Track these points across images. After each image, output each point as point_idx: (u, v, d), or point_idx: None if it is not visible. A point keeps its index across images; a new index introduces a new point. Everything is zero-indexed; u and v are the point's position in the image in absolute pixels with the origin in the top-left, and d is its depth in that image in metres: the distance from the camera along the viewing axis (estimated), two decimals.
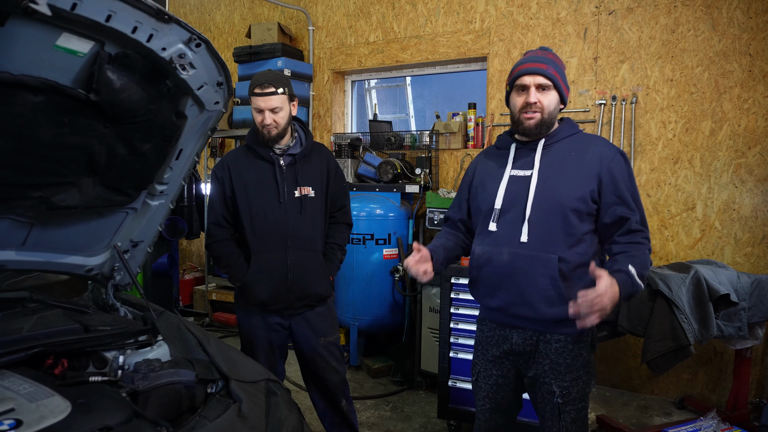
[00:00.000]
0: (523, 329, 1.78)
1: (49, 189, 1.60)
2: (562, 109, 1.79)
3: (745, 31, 3.27)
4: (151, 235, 2.08)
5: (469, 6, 4.14)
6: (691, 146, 3.44)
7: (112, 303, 1.97)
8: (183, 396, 1.48)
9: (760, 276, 2.81)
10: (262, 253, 2.30)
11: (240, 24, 5.44)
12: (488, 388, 1.89)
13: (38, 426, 1.12)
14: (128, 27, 1.40)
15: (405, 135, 4.48)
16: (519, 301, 1.73)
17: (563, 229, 1.69)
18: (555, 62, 1.73)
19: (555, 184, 1.71)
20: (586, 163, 1.70)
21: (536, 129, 1.73)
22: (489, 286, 1.80)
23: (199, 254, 5.97)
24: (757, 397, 3.29)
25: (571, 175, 1.71)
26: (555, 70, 1.71)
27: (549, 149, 1.76)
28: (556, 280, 1.67)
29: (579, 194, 1.68)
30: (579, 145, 1.75)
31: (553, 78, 1.70)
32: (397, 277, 3.93)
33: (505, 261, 1.74)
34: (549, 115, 1.72)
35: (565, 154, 1.74)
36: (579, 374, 1.76)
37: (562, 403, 1.75)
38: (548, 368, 1.76)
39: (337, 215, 2.50)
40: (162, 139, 1.74)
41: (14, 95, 1.35)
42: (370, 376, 3.92)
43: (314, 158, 2.40)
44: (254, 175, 2.31)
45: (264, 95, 2.19)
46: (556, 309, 1.69)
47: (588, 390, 1.80)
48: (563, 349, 1.74)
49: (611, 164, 1.70)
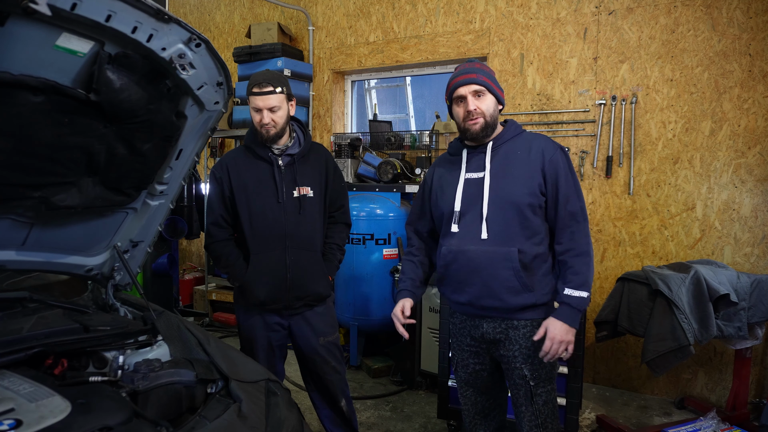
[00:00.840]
0: (492, 318, 1.91)
1: (49, 189, 1.60)
2: (501, 109, 1.93)
3: (745, 31, 3.27)
4: (151, 235, 2.08)
5: (469, 6, 4.14)
6: (691, 146, 3.44)
7: (112, 303, 1.97)
8: (183, 396, 1.48)
9: (760, 276, 2.81)
10: (261, 253, 2.30)
11: (240, 24, 5.44)
12: (467, 376, 2.03)
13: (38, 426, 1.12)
14: (128, 27, 1.40)
15: (405, 135, 4.48)
16: (486, 293, 1.86)
17: (519, 223, 1.83)
18: (483, 70, 1.88)
19: (506, 183, 1.85)
20: (531, 160, 1.85)
21: (482, 132, 1.87)
22: (456, 282, 1.93)
23: (199, 254, 5.97)
24: (757, 397, 3.29)
25: (519, 172, 1.85)
26: (485, 76, 1.86)
27: (497, 151, 1.90)
28: (518, 271, 1.81)
29: (529, 189, 1.83)
30: (523, 144, 1.90)
31: (485, 83, 1.85)
32: (397, 277, 3.93)
33: (468, 258, 1.87)
34: (491, 117, 1.87)
35: (512, 153, 1.89)
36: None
37: (534, 386, 1.89)
38: (518, 353, 1.88)
39: (336, 215, 2.51)
40: (162, 139, 1.74)
41: (14, 95, 1.35)
42: (370, 376, 3.92)
43: (313, 158, 2.40)
44: (253, 175, 2.31)
45: (262, 94, 2.19)
46: (521, 297, 1.84)
47: (554, 373, 1.94)
48: (530, 333, 1.87)
49: (552, 158, 1.85)
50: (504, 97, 1.94)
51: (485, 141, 1.91)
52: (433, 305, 3.51)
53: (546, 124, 3.88)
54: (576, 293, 1.80)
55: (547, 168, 1.84)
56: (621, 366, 3.71)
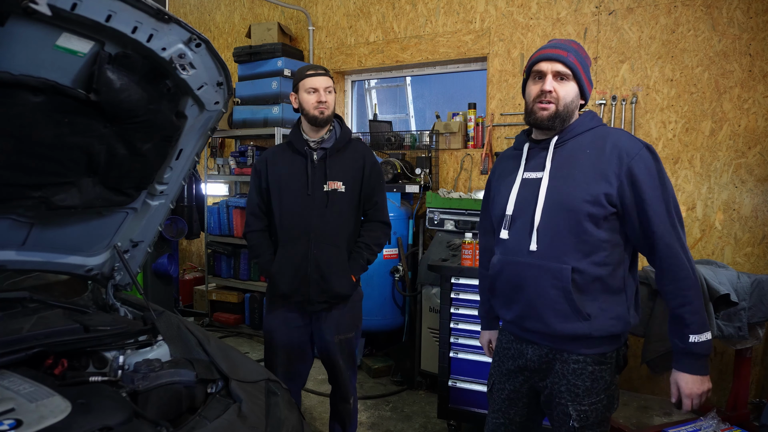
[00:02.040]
0: (538, 345, 1.64)
1: (49, 189, 1.60)
2: (582, 105, 1.64)
3: (745, 31, 3.27)
4: (151, 235, 2.09)
5: (469, 6, 4.14)
6: (691, 146, 3.44)
7: (112, 303, 1.97)
8: (183, 396, 1.48)
9: (760, 276, 2.81)
10: (287, 245, 2.34)
11: (240, 24, 5.44)
12: (500, 401, 1.77)
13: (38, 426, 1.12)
14: (128, 27, 1.40)
15: (405, 135, 4.48)
16: (530, 314, 1.60)
17: (576, 236, 1.52)
18: (578, 52, 1.57)
19: (566, 186, 1.54)
20: (603, 161, 1.52)
21: (549, 121, 1.56)
22: (504, 297, 1.69)
23: (199, 254, 5.97)
24: (757, 397, 3.29)
25: (583, 174, 1.53)
26: (577, 59, 1.55)
27: (563, 147, 1.59)
28: (569, 293, 1.52)
29: (591, 196, 1.50)
30: (596, 141, 1.56)
31: (573, 67, 1.54)
32: (397, 277, 3.93)
33: (515, 272, 1.62)
34: (565, 108, 1.56)
35: (580, 151, 1.56)
36: (599, 398, 1.59)
37: (578, 428, 1.59)
38: (564, 389, 1.60)
39: (369, 213, 2.45)
40: (162, 139, 1.74)
41: (14, 95, 1.35)
42: (370, 376, 3.92)
43: (349, 153, 2.39)
44: (287, 168, 2.36)
45: (318, 75, 2.29)
46: (571, 324, 1.54)
47: (608, 414, 1.63)
48: (582, 371, 1.58)
49: (633, 162, 1.50)
50: (590, 92, 1.63)
51: (552, 134, 1.61)
52: (433, 305, 3.51)
53: None
54: (702, 338, 1.53)
55: (625, 174, 1.50)
56: None
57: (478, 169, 4.13)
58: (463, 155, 4.19)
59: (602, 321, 1.55)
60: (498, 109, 4.04)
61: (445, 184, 4.27)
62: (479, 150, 4.12)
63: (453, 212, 3.72)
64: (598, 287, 1.55)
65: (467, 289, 2.97)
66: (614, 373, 1.63)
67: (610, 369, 1.61)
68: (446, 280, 3.00)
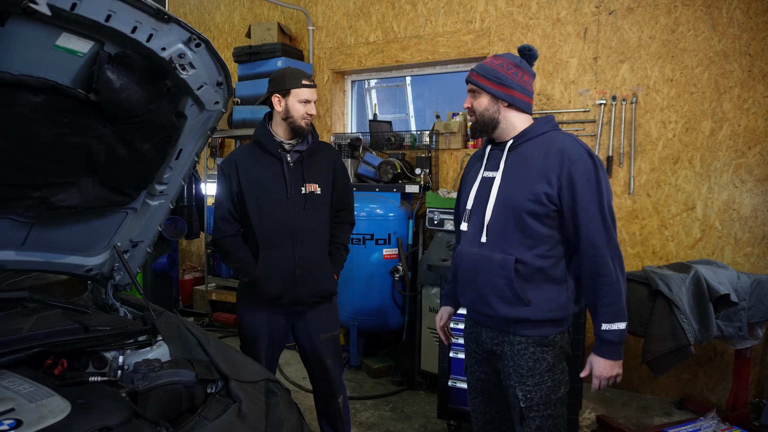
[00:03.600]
0: (490, 328, 1.83)
1: (49, 189, 1.60)
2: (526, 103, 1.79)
3: (745, 31, 3.27)
4: (150, 235, 2.08)
5: (469, 6, 4.14)
6: (691, 146, 3.44)
7: (111, 303, 1.97)
8: (183, 396, 1.48)
9: (760, 276, 2.81)
10: (270, 249, 2.31)
11: (240, 24, 5.44)
12: (474, 383, 1.95)
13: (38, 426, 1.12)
14: (128, 27, 1.40)
15: (405, 135, 4.48)
16: (480, 300, 1.78)
17: (520, 231, 1.70)
18: (484, 65, 1.79)
19: (512, 186, 1.72)
20: (546, 164, 1.68)
21: (474, 131, 1.83)
22: (461, 284, 1.87)
23: (199, 254, 5.97)
24: (757, 397, 3.29)
25: (528, 175, 1.70)
26: (479, 74, 1.78)
27: (516, 150, 1.77)
28: (512, 282, 1.69)
29: (532, 195, 1.67)
30: (544, 145, 1.73)
31: (476, 82, 1.78)
32: (397, 277, 3.93)
33: (468, 261, 1.81)
34: (481, 116, 1.79)
35: (530, 154, 1.74)
36: (542, 379, 1.74)
37: (524, 408, 1.74)
38: (512, 371, 1.77)
39: (342, 214, 2.53)
40: (162, 139, 1.74)
41: (14, 95, 1.35)
42: (370, 376, 3.92)
43: (321, 156, 2.41)
44: (262, 170, 2.33)
45: (311, 87, 2.29)
46: (514, 309, 1.72)
47: (555, 397, 1.76)
48: (524, 351, 1.75)
49: (573, 166, 1.65)
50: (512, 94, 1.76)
51: (505, 139, 1.80)
52: (433, 305, 3.51)
53: None
54: (614, 327, 1.66)
55: (565, 177, 1.65)
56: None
57: None
58: (463, 155, 4.18)
59: (542, 306, 1.71)
60: None
61: (445, 184, 4.27)
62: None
63: (453, 212, 3.71)
64: (542, 277, 1.72)
65: None
66: (559, 357, 1.78)
67: (553, 352, 1.76)
68: (446, 280, 3.00)
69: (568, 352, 1.82)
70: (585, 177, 1.65)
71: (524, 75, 1.78)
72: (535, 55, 1.82)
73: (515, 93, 1.77)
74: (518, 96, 1.77)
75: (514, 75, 1.77)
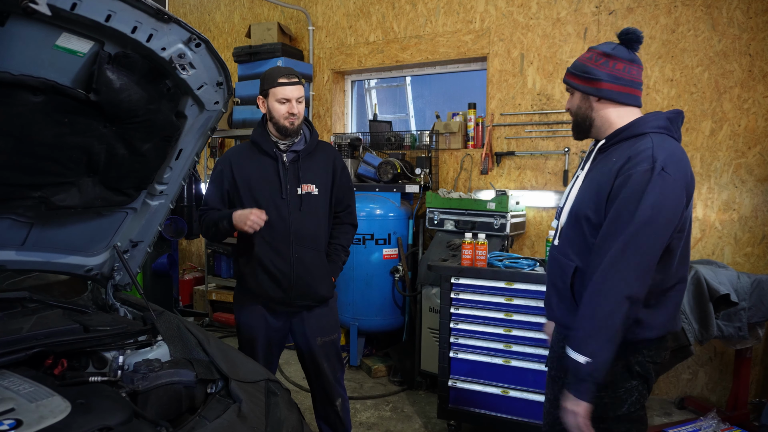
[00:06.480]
0: (557, 328, 1.81)
1: (49, 189, 1.60)
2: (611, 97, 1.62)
3: (745, 31, 3.27)
4: (150, 235, 2.08)
5: (469, 6, 4.13)
6: (691, 146, 3.44)
7: (111, 303, 1.97)
8: (183, 396, 1.48)
9: (760, 276, 2.81)
10: (264, 248, 2.29)
11: (240, 24, 5.44)
12: (548, 381, 1.89)
13: (38, 426, 1.12)
14: (128, 27, 1.40)
15: (405, 135, 4.48)
16: (547, 299, 1.80)
17: (581, 237, 1.61)
18: (576, 61, 1.69)
19: (585, 189, 1.63)
20: (611, 170, 1.54)
21: (574, 133, 1.74)
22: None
23: (199, 254, 5.97)
24: (757, 397, 3.29)
25: (599, 180, 1.57)
26: (570, 71, 1.69)
27: (605, 152, 1.64)
28: (568, 288, 1.64)
29: (594, 203, 1.56)
30: (623, 151, 1.55)
31: (566, 81, 1.71)
32: (397, 277, 3.93)
33: (549, 259, 1.81)
34: (575, 116, 1.70)
35: (609, 158, 1.59)
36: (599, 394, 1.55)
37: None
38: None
39: (342, 215, 2.48)
40: (162, 139, 1.74)
41: (14, 95, 1.35)
42: (370, 376, 3.92)
43: (319, 156, 2.38)
44: (257, 170, 2.30)
45: (291, 84, 2.20)
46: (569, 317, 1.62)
47: (610, 414, 1.59)
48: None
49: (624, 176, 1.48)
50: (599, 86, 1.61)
51: (601, 138, 1.67)
52: (433, 305, 3.51)
53: (546, 124, 3.88)
54: (572, 354, 1.50)
55: (617, 187, 1.50)
56: None
57: (478, 169, 4.13)
58: (463, 155, 4.19)
59: None
60: (498, 109, 4.04)
61: (445, 184, 4.27)
62: (479, 150, 4.12)
63: (453, 212, 3.72)
64: None
65: (467, 289, 2.97)
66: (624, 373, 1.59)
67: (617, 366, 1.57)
68: (446, 280, 3.00)
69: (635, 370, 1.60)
70: (631, 190, 1.46)
71: (617, 63, 1.61)
72: (634, 38, 1.65)
73: (602, 85, 1.60)
74: (607, 87, 1.60)
75: (603, 65, 1.61)
